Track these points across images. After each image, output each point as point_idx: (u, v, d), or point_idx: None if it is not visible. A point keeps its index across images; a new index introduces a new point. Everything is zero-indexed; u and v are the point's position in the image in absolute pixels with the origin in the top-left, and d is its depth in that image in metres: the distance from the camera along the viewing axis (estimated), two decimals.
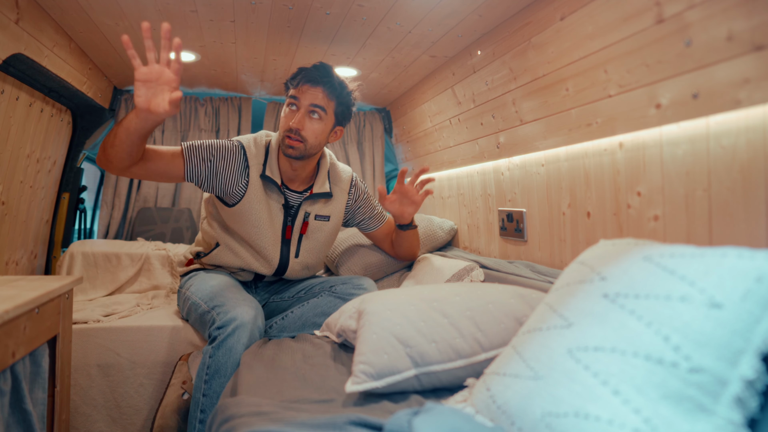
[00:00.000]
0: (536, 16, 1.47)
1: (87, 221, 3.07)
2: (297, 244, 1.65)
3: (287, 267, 1.65)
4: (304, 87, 1.51)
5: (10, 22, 1.38)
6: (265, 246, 1.59)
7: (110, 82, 2.47)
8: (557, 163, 1.56)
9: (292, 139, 1.50)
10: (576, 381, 0.68)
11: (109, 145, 1.28)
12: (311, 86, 1.50)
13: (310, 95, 1.50)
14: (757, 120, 0.91)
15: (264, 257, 1.61)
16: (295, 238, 1.64)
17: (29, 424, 1.09)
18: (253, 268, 1.63)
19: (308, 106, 1.50)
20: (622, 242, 0.89)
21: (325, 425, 0.75)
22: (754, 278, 0.62)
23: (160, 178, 1.48)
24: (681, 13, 1.00)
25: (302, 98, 1.50)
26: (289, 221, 1.62)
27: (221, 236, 1.63)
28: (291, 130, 1.49)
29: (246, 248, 1.61)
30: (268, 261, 1.61)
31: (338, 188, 1.71)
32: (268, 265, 1.62)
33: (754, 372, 0.59)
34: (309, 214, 1.64)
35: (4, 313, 0.96)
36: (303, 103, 1.50)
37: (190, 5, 1.57)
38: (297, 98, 1.51)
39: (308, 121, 1.50)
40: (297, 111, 1.51)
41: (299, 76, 1.52)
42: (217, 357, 1.29)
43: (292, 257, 1.65)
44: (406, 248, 1.86)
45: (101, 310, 1.81)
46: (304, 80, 1.51)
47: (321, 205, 1.67)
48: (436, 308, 1.09)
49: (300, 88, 1.51)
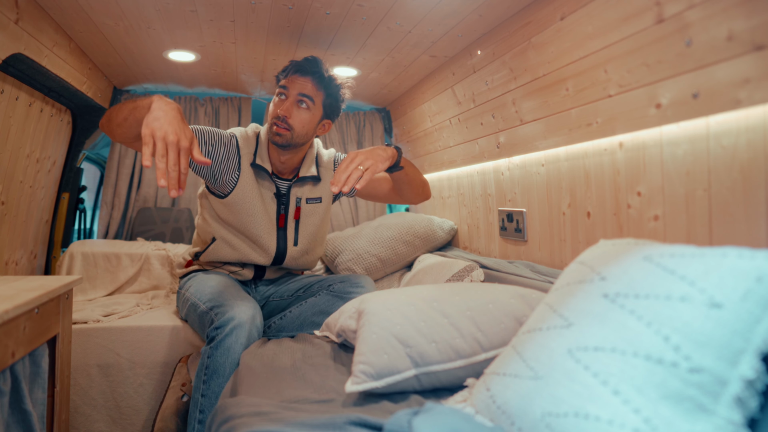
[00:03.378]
0: (536, 16, 1.47)
1: (87, 221, 3.08)
2: (294, 232, 1.67)
3: (285, 255, 1.67)
4: (293, 77, 1.54)
5: (9, 22, 1.38)
6: (261, 234, 1.61)
7: (110, 82, 2.47)
8: (557, 163, 1.56)
9: (279, 127, 1.52)
10: (576, 381, 0.68)
11: (115, 123, 1.24)
12: (300, 76, 1.53)
13: (299, 84, 1.53)
14: (757, 120, 0.91)
15: (260, 246, 1.63)
16: (291, 226, 1.67)
17: (29, 424, 1.09)
18: (251, 258, 1.64)
19: (296, 95, 1.53)
20: (622, 242, 0.89)
21: (325, 425, 0.75)
22: (754, 278, 0.62)
23: None
24: (681, 13, 1.00)
25: (291, 87, 1.53)
26: (282, 209, 1.65)
27: (217, 230, 1.64)
28: (279, 117, 1.52)
29: (242, 239, 1.63)
30: (264, 250, 1.63)
31: (324, 169, 1.74)
32: (265, 254, 1.64)
33: (754, 372, 0.59)
34: (300, 198, 1.67)
35: (4, 313, 0.96)
36: (292, 92, 1.53)
37: (190, 5, 1.57)
38: (286, 87, 1.54)
39: (296, 110, 1.53)
40: (285, 100, 1.54)
41: (290, 67, 1.56)
42: (216, 357, 1.29)
43: (291, 245, 1.67)
44: (409, 189, 1.64)
45: (101, 310, 1.81)
46: (293, 70, 1.54)
47: (310, 188, 1.69)
48: (436, 308, 1.09)
49: (290, 78, 1.54)
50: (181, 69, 2.30)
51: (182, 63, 2.19)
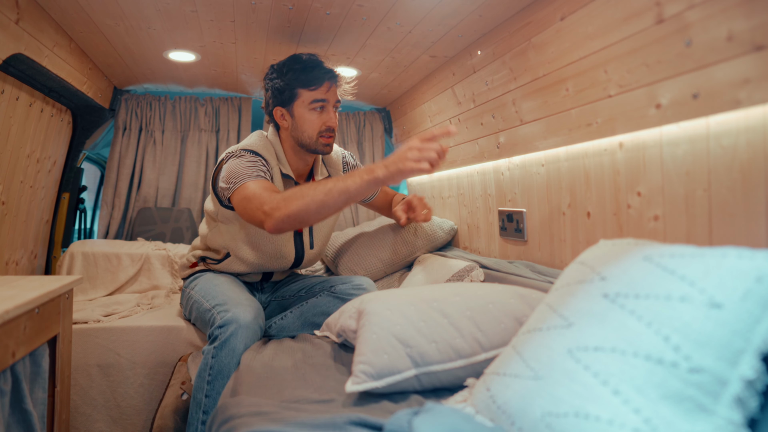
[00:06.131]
0: (536, 16, 1.47)
1: (87, 221, 3.08)
2: (309, 235, 1.70)
3: (303, 259, 1.70)
4: (327, 86, 1.57)
5: (10, 22, 1.38)
6: (285, 243, 1.63)
7: (110, 82, 2.47)
8: (557, 163, 1.56)
9: (329, 138, 1.58)
10: (576, 381, 0.68)
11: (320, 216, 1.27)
12: (331, 84, 1.58)
13: (333, 93, 1.59)
14: (757, 120, 0.91)
15: (282, 255, 1.64)
16: (306, 230, 1.68)
17: (29, 424, 1.09)
18: (272, 267, 1.66)
19: (334, 103, 1.59)
20: (622, 242, 0.89)
21: (325, 425, 0.75)
22: (754, 278, 0.62)
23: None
24: (681, 13, 1.00)
25: (329, 98, 1.57)
26: None
27: (239, 247, 1.61)
28: (330, 129, 1.57)
29: (262, 251, 1.61)
30: (285, 257, 1.65)
31: (334, 170, 1.77)
32: (285, 260, 1.66)
33: (754, 372, 0.59)
34: None
35: (5, 313, 0.96)
36: (331, 101, 1.57)
37: (190, 5, 1.57)
38: (326, 100, 1.56)
39: (336, 117, 1.61)
40: (326, 111, 1.57)
41: (320, 77, 1.55)
42: (220, 358, 1.29)
43: (307, 249, 1.70)
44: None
45: (101, 310, 1.81)
46: (326, 80, 1.56)
47: None
48: (436, 308, 1.09)
49: (324, 90, 1.56)
50: (182, 69, 2.30)
51: (182, 63, 2.19)
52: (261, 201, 1.32)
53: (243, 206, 1.38)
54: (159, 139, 2.73)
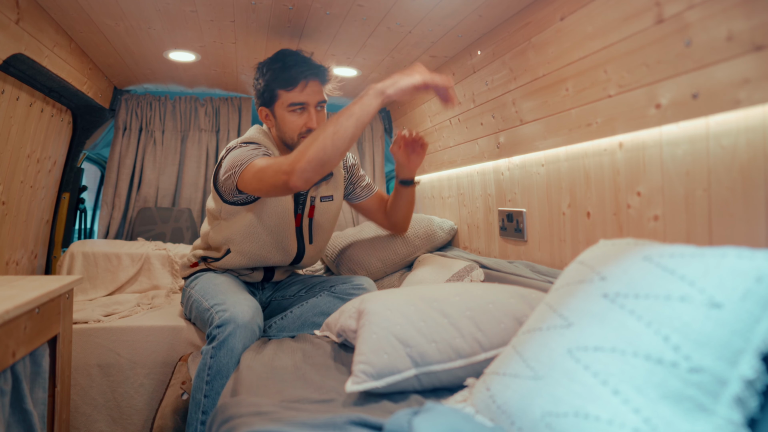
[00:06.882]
0: (536, 16, 1.47)
1: (87, 221, 3.08)
2: (309, 230, 1.68)
3: (303, 254, 1.69)
4: (309, 86, 1.53)
5: (10, 22, 1.39)
6: (286, 235, 1.62)
7: (110, 82, 2.47)
8: (557, 163, 1.56)
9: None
10: (576, 381, 0.68)
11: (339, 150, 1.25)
12: (316, 83, 1.54)
13: (316, 94, 1.55)
14: (757, 120, 0.91)
15: (283, 247, 1.63)
16: (306, 224, 1.68)
17: (30, 424, 1.09)
18: (272, 260, 1.65)
19: (316, 103, 1.56)
20: (622, 242, 0.89)
21: (325, 425, 0.76)
22: (754, 278, 0.62)
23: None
24: (681, 13, 1.00)
25: (309, 100, 1.54)
26: (299, 209, 1.65)
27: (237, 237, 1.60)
28: (311, 130, 1.53)
29: (263, 243, 1.61)
30: (286, 250, 1.64)
31: (335, 168, 1.74)
32: (287, 254, 1.65)
33: (753, 372, 0.59)
34: (315, 197, 1.67)
35: (5, 313, 0.96)
36: (311, 102, 1.55)
37: (190, 5, 1.57)
38: (304, 102, 1.53)
39: (319, 117, 1.57)
40: (306, 112, 1.54)
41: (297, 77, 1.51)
42: (219, 358, 1.29)
43: (307, 243, 1.69)
44: (402, 212, 1.87)
45: (101, 310, 1.81)
46: (305, 78, 1.52)
47: (324, 187, 1.70)
48: (436, 308, 1.09)
49: (304, 91, 1.53)
50: (182, 69, 2.30)
51: (182, 63, 2.19)
52: (277, 164, 1.31)
53: (258, 179, 1.35)
54: (159, 139, 2.73)
